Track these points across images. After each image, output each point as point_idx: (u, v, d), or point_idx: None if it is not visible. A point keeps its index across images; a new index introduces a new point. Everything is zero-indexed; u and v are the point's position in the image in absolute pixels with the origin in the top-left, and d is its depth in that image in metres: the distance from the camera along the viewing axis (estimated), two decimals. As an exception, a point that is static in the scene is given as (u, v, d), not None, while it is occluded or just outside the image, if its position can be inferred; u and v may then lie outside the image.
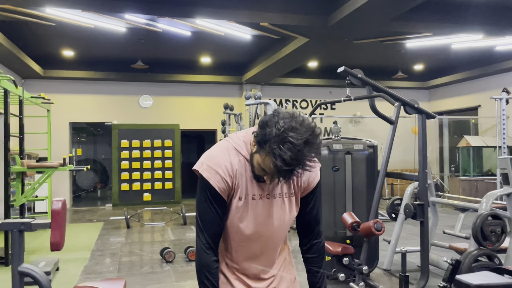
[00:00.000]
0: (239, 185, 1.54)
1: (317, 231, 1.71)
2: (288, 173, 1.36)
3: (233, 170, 1.52)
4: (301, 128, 1.34)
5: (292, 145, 1.31)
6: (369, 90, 4.07)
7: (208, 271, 1.54)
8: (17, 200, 5.58)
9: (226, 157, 1.53)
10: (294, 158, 1.31)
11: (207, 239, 1.55)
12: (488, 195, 4.07)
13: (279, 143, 1.32)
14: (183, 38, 7.43)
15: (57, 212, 2.47)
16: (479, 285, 2.92)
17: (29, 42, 8.20)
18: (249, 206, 1.56)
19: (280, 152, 1.31)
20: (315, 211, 1.68)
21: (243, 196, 1.54)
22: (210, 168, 1.52)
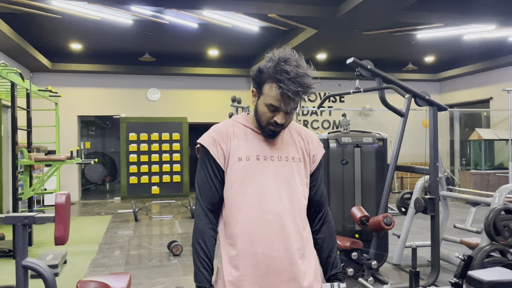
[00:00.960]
0: (238, 146, 1.53)
1: (326, 210, 1.67)
2: (293, 88, 1.40)
3: (228, 133, 1.55)
4: (289, 52, 1.47)
5: (289, 61, 1.42)
6: (379, 81, 3.99)
7: (201, 237, 1.51)
8: (25, 193, 5.59)
9: (222, 126, 1.59)
10: (294, 70, 1.40)
11: (202, 206, 1.53)
12: (501, 189, 3.98)
13: (277, 63, 1.42)
14: (190, 30, 7.36)
15: (61, 206, 2.43)
16: (492, 281, 2.85)
17: (36, 35, 8.19)
18: (253, 167, 1.51)
19: (281, 67, 1.41)
20: (322, 187, 1.66)
21: (243, 156, 1.52)
22: (207, 135, 1.57)
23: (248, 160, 1.51)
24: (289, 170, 1.54)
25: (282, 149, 1.56)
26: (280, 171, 1.53)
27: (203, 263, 1.50)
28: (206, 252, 1.51)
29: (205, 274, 1.50)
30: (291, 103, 1.45)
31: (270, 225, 1.48)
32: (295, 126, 1.66)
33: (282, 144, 1.57)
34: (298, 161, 1.57)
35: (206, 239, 1.51)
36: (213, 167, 1.53)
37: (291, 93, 1.41)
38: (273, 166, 1.52)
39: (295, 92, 1.41)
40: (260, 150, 1.53)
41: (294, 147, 1.59)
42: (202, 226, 1.52)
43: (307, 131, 1.68)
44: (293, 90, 1.41)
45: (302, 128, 1.68)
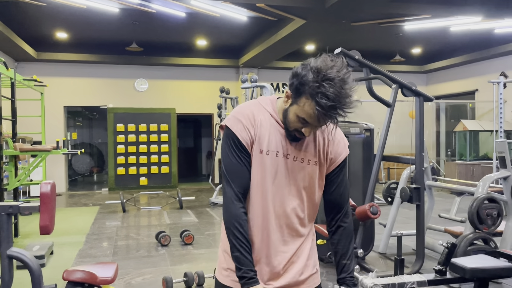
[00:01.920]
0: (262, 136, 1.48)
1: (345, 211, 1.62)
2: (331, 114, 1.32)
3: (255, 120, 1.49)
4: (336, 65, 1.34)
5: (333, 82, 1.30)
6: (366, 72, 4.01)
7: (237, 221, 1.46)
8: (10, 184, 5.53)
9: (249, 108, 1.52)
10: (336, 93, 1.30)
11: (234, 190, 1.48)
12: (484, 179, 4.05)
13: (320, 82, 1.31)
14: (178, 20, 7.30)
15: (46, 195, 2.42)
16: (474, 268, 2.91)
17: (21, 23, 8.04)
18: (272, 162, 1.48)
19: (323, 90, 1.30)
20: (342, 188, 1.60)
21: (264, 149, 1.48)
22: (234, 117, 1.51)
23: (268, 154, 1.48)
24: (303, 173, 1.51)
25: (301, 149, 1.51)
26: (294, 172, 1.51)
27: (245, 248, 1.46)
28: (246, 236, 1.47)
29: (249, 258, 1.46)
30: (322, 124, 1.41)
31: (270, 223, 1.51)
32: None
33: (302, 144, 1.52)
34: (314, 164, 1.53)
35: (243, 223, 1.47)
36: (243, 153, 1.48)
37: (328, 118, 1.35)
38: (290, 165, 1.50)
39: (332, 117, 1.35)
40: (280, 146, 1.49)
41: (314, 148, 1.53)
42: (236, 210, 1.47)
43: (331, 130, 1.56)
44: (331, 116, 1.34)
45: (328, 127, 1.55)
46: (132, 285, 4.01)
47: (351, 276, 1.60)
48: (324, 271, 4.37)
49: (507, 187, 4.00)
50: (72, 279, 2.46)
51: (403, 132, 10.50)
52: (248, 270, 1.45)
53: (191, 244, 5.38)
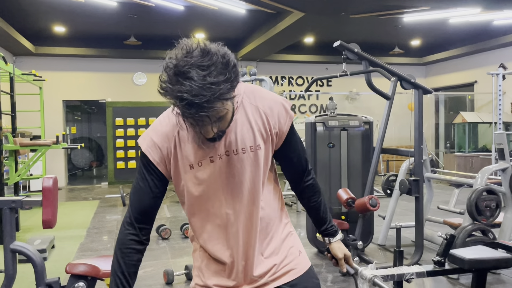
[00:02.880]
0: (185, 151, 1.31)
1: (307, 172, 1.51)
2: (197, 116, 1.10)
3: (173, 134, 1.31)
4: (190, 53, 1.13)
5: (189, 74, 1.09)
6: (365, 65, 4.01)
7: (120, 249, 1.33)
8: (10, 179, 5.54)
9: (165, 123, 1.34)
10: (189, 90, 1.07)
11: (130, 213, 1.35)
12: (483, 170, 4.07)
13: (174, 87, 1.11)
14: (176, 13, 7.27)
15: (48, 189, 2.44)
16: (473, 259, 2.94)
17: (19, 18, 8.01)
18: (208, 170, 1.31)
19: (175, 93, 1.10)
20: (296, 157, 1.46)
21: (195, 163, 1.31)
22: (147, 134, 1.35)
23: (200, 166, 1.31)
24: (249, 162, 1.33)
25: (236, 139, 1.31)
26: (239, 167, 1.33)
27: (120, 282, 1.31)
28: (124, 268, 1.32)
29: None
30: (206, 124, 1.15)
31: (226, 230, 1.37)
32: (252, 97, 1.35)
33: (237, 132, 1.31)
34: (257, 148, 1.33)
35: (125, 251, 1.33)
36: (152, 173, 1.33)
37: (195, 121, 1.13)
38: (230, 163, 1.32)
39: (198, 119, 1.11)
40: (211, 150, 1.30)
41: (251, 132, 1.32)
42: (122, 236, 1.36)
43: (266, 101, 1.36)
44: (196, 117, 1.11)
45: (260, 98, 1.37)
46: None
47: (331, 225, 1.57)
48: (324, 263, 4.41)
49: (506, 179, 4.02)
50: (75, 272, 2.48)
51: (402, 124, 10.52)
52: None
53: (191, 237, 5.41)
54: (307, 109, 11.96)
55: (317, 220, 1.58)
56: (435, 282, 3.93)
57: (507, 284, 3.80)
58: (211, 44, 1.16)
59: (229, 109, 1.21)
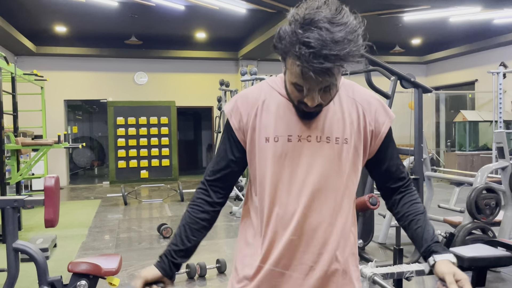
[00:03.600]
0: (266, 122, 1.21)
1: (405, 184, 1.30)
2: (316, 65, 1.01)
3: (257, 102, 1.23)
4: (320, 5, 1.05)
5: (313, 25, 1.00)
6: (365, 64, 4.02)
7: (189, 204, 1.29)
8: (12, 178, 5.57)
9: (254, 91, 1.26)
10: (318, 38, 0.99)
11: (206, 172, 1.30)
12: (483, 169, 4.09)
13: (297, 34, 1.01)
14: (177, 13, 7.29)
15: (50, 188, 2.46)
16: (473, 257, 2.96)
17: (20, 18, 8.04)
18: (285, 150, 1.19)
19: (302, 37, 1.00)
20: (394, 166, 1.29)
21: (271, 136, 1.20)
22: (234, 99, 1.28)
23: (276, 141, 1.19)
24: (332, 153, 1.19)
25: (323, 126, 1.19)
26: (316, 157, 1.19)
27: (177, 230, 1.29)
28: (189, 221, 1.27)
29: (171, 246, 1.27)
30: (322, 81, 1.05)
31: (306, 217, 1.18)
32: (350, 90, 1.25)
33: (326, 119, 1.19)
34: (343, 142, 1.19)
35: (193, 204, 1.30)
36: (232, 138, 1.26)
37: (314, 73, 1.02)
38: (308, 149, 1.18)
39: (320, 71, 1.02)
40: (293, 128, 1.19)
41: (342, 123, 1.20)
42: (196, 193, 1.32)
43: (364, 95, 1.26)
44: (318, 68, 1.01)
45: (359, 92, 1.26)
46: (135, 277, 4.05)
47: (436, 241, 1.23)
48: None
49: (505, 177, 4.04)
50: (77, 270, 2.50)
51: (403, 123, 10.53)
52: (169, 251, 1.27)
53: (192, 236, 5.43)
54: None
55: (415, 239, 1.27)
56: (435, 281, 3.94)
57: (507, 282, 3.82)
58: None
59: (339, 83, 1.12)
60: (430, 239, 1.23)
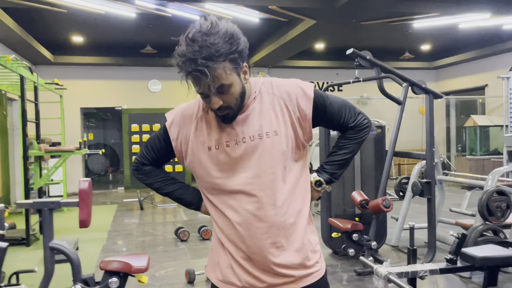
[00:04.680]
0: (204, 129, 1.40)
1: (355, 131, 1.51)
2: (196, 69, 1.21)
3: (193, 114, 1.44)
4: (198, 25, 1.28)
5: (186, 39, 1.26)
6: (377, 71, 4.17)
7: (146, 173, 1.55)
8: (35, 183, 5.78)
9: (189, 106, 1.48)
10: (188, 47, 1.23)
11: (141, 153, 1.54)
12: (494, 172, 4.19)
13: (176, 50, 1.29)
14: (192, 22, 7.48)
15: (84, 191, 2.63)
16: (484, 257, 3.07)
17: (40, 28, 8.30)
18: (228, 155, 1.36)
19: (177, 51, 1.28)
20: (335, 122, 1.49)
21: (212, 144, 1.38)
22: (175, 111, 1.50)
23: (217, 149, 1.37)
24: (264, 148, 1.35)
25: (254, 127, 1.35)
26: (253, 152, 1.36)
27: (179, 191, 1.55)
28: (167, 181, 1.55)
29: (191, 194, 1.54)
30: (209, 82, 1.23)
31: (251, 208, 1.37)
32: (269, 87, 1.41)
33: (254, 121, 1.36)
34: (273, 134, 1.36)
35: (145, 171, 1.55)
36: (163, 143, 1.49)
37: (192, 77, 1.24)
38: (245, 148, 1.35)
39: (195, 74, 1.22)
40: (228, 133, 1.36)
41: (267, 118, 1.36)
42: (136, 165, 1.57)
43: (283, 87, 1.41)
44: (193, 70, 1.22)
45: (277, 86, 1.41)
46: (156, 278, 4.22)
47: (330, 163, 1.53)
48: (339, 263, 4.55)
49: (516, 180, 4.14)
50: (109, 268, 2.67)
51: (414, 128, 10.61)
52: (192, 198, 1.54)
53: (209, 239, 5.58)
54: (319, 114, 12.10)
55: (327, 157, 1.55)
56: (448, 281, 4.04)
57: (519, 283, 3.90)
58: (225, 22, 1.28)
59: (235, 83, 1.27)
60: (324, 162, 1.55)
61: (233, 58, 1.25)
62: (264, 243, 1.36)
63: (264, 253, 1.37)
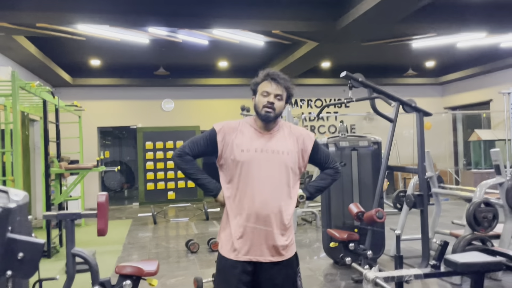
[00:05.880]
0: (242, 138, 2.18)
1: (329, 167, 2.38)
2: (269, 78, 2.19)
3: (236, 128, 2.22)
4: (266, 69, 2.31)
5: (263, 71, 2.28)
6: (369, 91, 4.49)
7: (185, 161, 2.26)
8: (56, 199, 6.20)
9: (235, 122, 2.29)
10: (265, 72, 2.24)
11: (186, 145, 2.26)
12: (481, 185, 4.45)
13: (262, 73, 2.27)
14: (202, 46, 7.95)
15: (102, 204, 3.00)
16: (465, 262, 3.32)
17: (60, 54, 8.85)
18: (251, 157, 2.15)
19: (265, 72, 2.25)
20: (324, 158, 2.35)
21: (245, 148, 2.16)
22: (223, 123, 2.27)
23: (248, 151, 2.16)
24: (277, 160, 2.17)
25: (275, 145, 2.19)
26: (271, 161, 2.16)
27: (205, 180, 2.30)
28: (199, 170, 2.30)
29: (214, 184, 2.28)
30: (277, 87, 2.16)
31: (263, 196, 2.15)
32: (289, 128, 2.29)
33: (277, 141, 2.20)
34: (286, 154, 2.18)
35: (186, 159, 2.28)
36: (209, 142, 2.22)
37: (272, 79, 2.18)
38: (266, 156, 2.16)
39: (274, 79, 2.17)
40: (259, 144, 2.17)
41: (285, 144, 2.21)
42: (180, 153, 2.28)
43: (298, 130, 2.31)
44: (273, 77, 2.19)
45: (294, 128, 2.32)
46: (167, 285, 4.55)
47: (308, 191, 2.34)
48: (338, 272, 4.82)
49: (503, 192, 4.39)
50: (123, 272, 3.02)
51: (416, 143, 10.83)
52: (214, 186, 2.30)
53: (217, 250, 5.89)
54: (326, 130, 12.41)
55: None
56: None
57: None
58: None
59: (283, 101, 2.21)
60: (308, 184, 2.38)
61: (289, 92, 2.25)
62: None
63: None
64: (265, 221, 2.13)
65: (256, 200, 2.12)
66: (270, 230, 2.13)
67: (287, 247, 2.19)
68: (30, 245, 1.69)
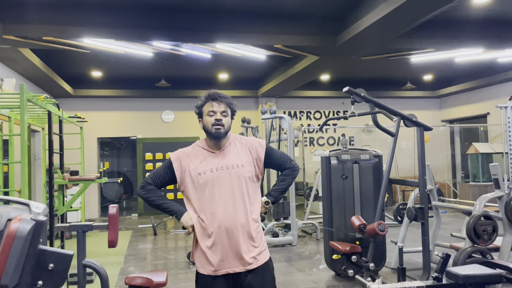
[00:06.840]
0: (196, 162, 2.32)
1: (285, 168, 2.49)
2: (211, 98, 2.33)
3: (189, 153, 2.37)
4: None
5: (205, 93, 2.40)
6: (371, 106, 4.59)
7: (147, 190, 2.43)
8: (59, 210, 6.23)
9: (189, 148, 2.43)
10: (213, 91, 2.38)
11: (148, 180, 2.42)
12: (481, 198, 4.53)
13: (204, 95, 2.40)
14: (203, 59, 8.06)
15: (113, 215, 3.05)
16: (466, 275, 3.40)
17: (62, 65, 8.94)
18: (212, 177, 2.28)
19: (206, 94, 2.38)
20: (277, 160, 2.47)
21: (201, 171, 2.29)
22: (175, 152, 2.43)
23: (205, 173, 2.29)
24: (234, 174, 2.29)
25: (229, 160, 2.31)
26: (228, 176, 2.29)
27: (167, 203, 2.42)
28: (161, 197, 2.42)
29: (177, 206, 2.39)
30: (220, 105, 2.30)
31: (226, 212, 2.27)
32: (240, 140, 2.42)
33: (230, 156, 2.33)
34: (241, 166, 2.31)
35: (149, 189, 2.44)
36: (168, 172, 2.38)
37: (213, 100, 2.32)
38: (223, 173, 2.29)
39: (215, 99, 2.32)
40: (213, 164, 2.30)
41: (239, 157, 2.33)
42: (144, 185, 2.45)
43: (249, 141, 2.43)
44: (214, 98, 2.33)
45: (245, 140, 2.44)
46: (171, 297, 4.58)
47: (272, 196, 2.45)
48: (340, 284, 4.87)
49: (502, 206, 4.47)
50: (133, 283, 3.07)
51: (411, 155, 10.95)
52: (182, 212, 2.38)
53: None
54: (325, 142, 12.51)
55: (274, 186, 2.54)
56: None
57: (508, 302, 4.18)
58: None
59: (229, 117, 2.35)
60: (271, 190, 2.50)
61: (232, 109, 2.41)
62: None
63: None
64: (232, 235, 2.24)
65: (220, 216, 2.24)
66: (238, 243, 2.24)
67: (259, 255, 2.31)
68: (60, 256, 1.75)
